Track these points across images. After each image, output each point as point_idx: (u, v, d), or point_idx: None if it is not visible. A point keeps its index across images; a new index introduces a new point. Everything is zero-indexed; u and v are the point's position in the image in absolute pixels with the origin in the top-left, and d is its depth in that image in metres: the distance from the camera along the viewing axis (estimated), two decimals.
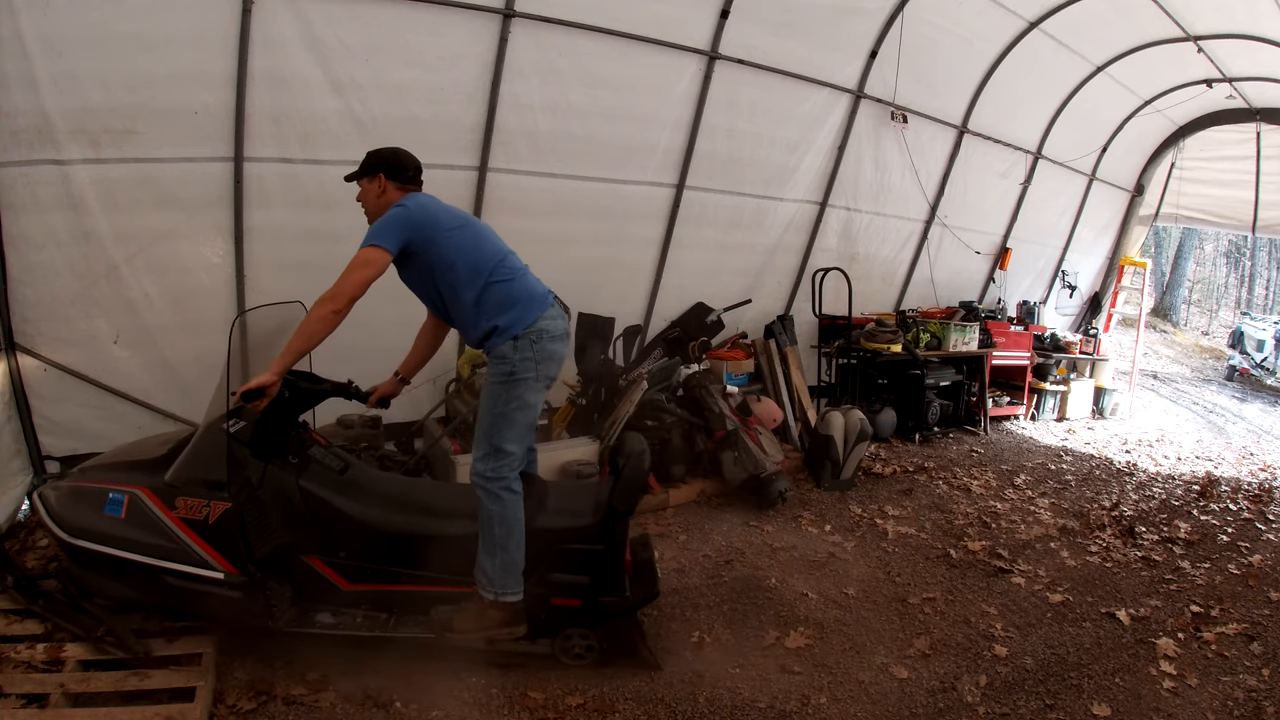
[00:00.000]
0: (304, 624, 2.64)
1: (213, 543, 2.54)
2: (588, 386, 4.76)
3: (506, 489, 2.61)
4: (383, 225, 2.58)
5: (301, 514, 2.67)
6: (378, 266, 2.54)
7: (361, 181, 2.80)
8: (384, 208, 2.70)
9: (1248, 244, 20.34)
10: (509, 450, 2.62)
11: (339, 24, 3.84)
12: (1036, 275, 8.83)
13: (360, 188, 2.81)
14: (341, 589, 2.70)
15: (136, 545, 2.55)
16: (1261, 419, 9.27)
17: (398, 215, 2.61)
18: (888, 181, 6.62)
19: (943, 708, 2.80)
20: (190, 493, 2.56)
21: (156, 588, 2.57)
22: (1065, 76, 7.14)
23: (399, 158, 2.79)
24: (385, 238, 2.55)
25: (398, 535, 2.70)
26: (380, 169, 2.75)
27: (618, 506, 2.71)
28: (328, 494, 2.71)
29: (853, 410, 5.36)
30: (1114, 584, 3.94)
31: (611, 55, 4.69)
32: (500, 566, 2.60)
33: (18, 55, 3.18)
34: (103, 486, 2.64)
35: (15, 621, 2.70)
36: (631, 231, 5.35)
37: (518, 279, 2.73)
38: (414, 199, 2.70)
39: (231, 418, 2.65)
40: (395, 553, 2.70)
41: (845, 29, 5.58)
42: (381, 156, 2.78)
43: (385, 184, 2.75)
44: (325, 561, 2.69)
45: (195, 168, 3.73)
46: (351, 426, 4.10)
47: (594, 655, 2.82)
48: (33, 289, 3.50)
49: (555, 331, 2.72)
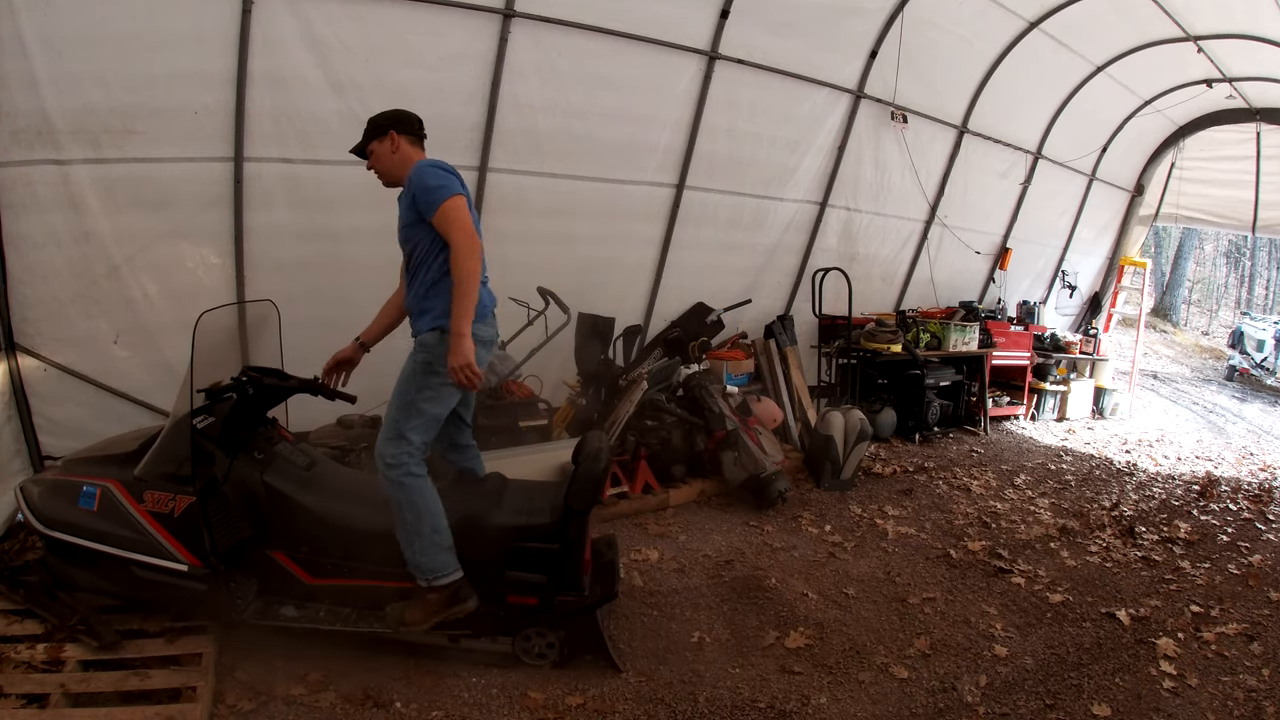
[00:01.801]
0: (267, 617, 2.67)
1: (177, 536, 2.58)
2: (588, 386, 4.77)
3: (408, 474, 2.60)
4: (443, 176, 2.60)
5: (265, 509, 2.70)
6: (466, 209, 2.60)
7: (371, 146, 2.78)
8: (402, 165, 2.72)
9: (1248, 244, 20.35)
10: (411, 440, 2.61)
11: (339, 24, 3.85)
12: (1036, 275, 8.84)
13: (371, 154, 2.79)
14: (305, 583, 2.73)
15: (107, 537, 2.60)
16: (1261, 419, 9.27)
17: (447, 170, 2.63)
18: (888, 181, 6.62)
19: (943, 708, 2.79)
20: (158, 486, 2.61)
21: (127, 579, 2.63)
22: (1065, 76, 7.15)
23: (405, 114, 2.80)
24: (453, 185, 2.59)
25: (359, 531, 2.70)
26: (390, 126, 2.74)
27: (573, 505, 2.70)
28: (291, 489, 2.73)
29: (853, 410, 5.37)
30: (1114, 584, 3.94)
31: (611, 55, 4.70)
32: (420, 550, 2.59)
33: (18, 55, 3.18)
34: (77, 480, 2.70)
35: (15, 621, 2.70)
36: (631, 231, 5.35)
37: None
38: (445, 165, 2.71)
39: (200, 414, 2.69)
40: (357, 548, 2.72)
41: (845, 29, 5.58)
42: (388, 116, 2.78)
43: (398, 140, 2.75)
44: (289, 556, 2.72)
45: (195, 168, 3.72)
46: (351, 426, 4.09)
47: (555, 654, 2.81)
48: (33, 289, 3.50)
49: (483, 337, 2.72)
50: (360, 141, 2.81)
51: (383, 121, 2.77)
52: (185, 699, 2.39)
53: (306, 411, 3.36)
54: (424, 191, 2.59)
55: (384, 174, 2.82)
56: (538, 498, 2.89)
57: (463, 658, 2.79)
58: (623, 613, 3.25)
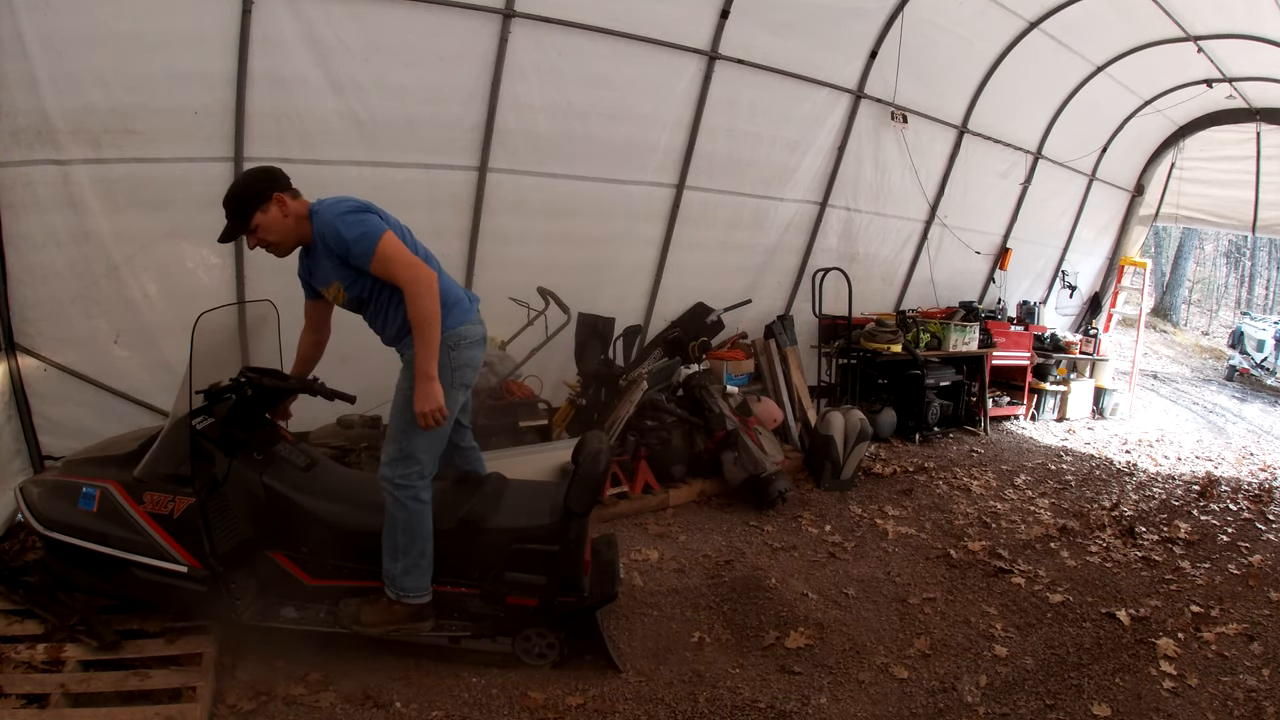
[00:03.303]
0: (268, 618, 2.66)
1: (177, 537, 2.56)
2: (588, 387, 4.77)
3: (414, 498, 2.54)
4: (360, 221, 2.41)
5: (265, 509, 2.69)
6: (398, 241, 2.45)
7: (255, 220, 2.47)
8: (300, 224, 2.50)
9: (1248, 244, 20.35)
10: (419, 458, 2.54)
11: (339, 24, 3.84)
12: (1036, 275, 8.84)
13: (255, 229, 2.48)
14: (305, 584, 2.71)
15: (107, 538, 2.59)
16: (1261, 419, 9.27)
17: (357, 209, 2.45)
18: (888, 181, 6.62)
19: (943, 708, 2.79)
20: (157, 488, 2.59)
21: (126, 580, 2.62)
22: (1065, 76, 7.15)
23: (271, 169, 2.55)
24: (374, 224, 2.43)
25: (358, 532, 2.68)
26: (269, 188, 2.47)
27: (572, 507, 2.66)
28: (290, 490, 2.72)
29: (853, 410, 5.37)
30: (1114, 584, 3.94)
31: (612, 55, 4.70)
32: (402, 570, 2.57)
33: (18, 55, 3.17)
34: (77, 481, 2.69)
35: (15, 621, 2.70)
36: (631, 231, 5.35)
37: (443, 277, 2.63)
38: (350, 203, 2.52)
39: (200, 415, 2.69)
40: (356, 549, 2.70)
41: (845, 29, 5.58)
42: (257, 179, 2.51)
43: (283, 198, 2.48)
44: (289, 557, 2.71)
45: (195, 168, 3.72)
46: (352, 426, 4.09)
47: (555, 654, 2.81)
48: (33, 289, 3.50)
49: (474, 337, 2.66)
50: (229, 226, 2.52)
51: (256, 187, 2.47)
52: (185, 699, 2.39)
53: (306, 411, 3.36)
54: (350, 245, 2.41)
55: (281, 243, 2.54)
56: (537, 499, 2.88)
57: (462, 658, 2.79)
58: (623, 613, 3.25)
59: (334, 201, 2.51)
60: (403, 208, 2.98)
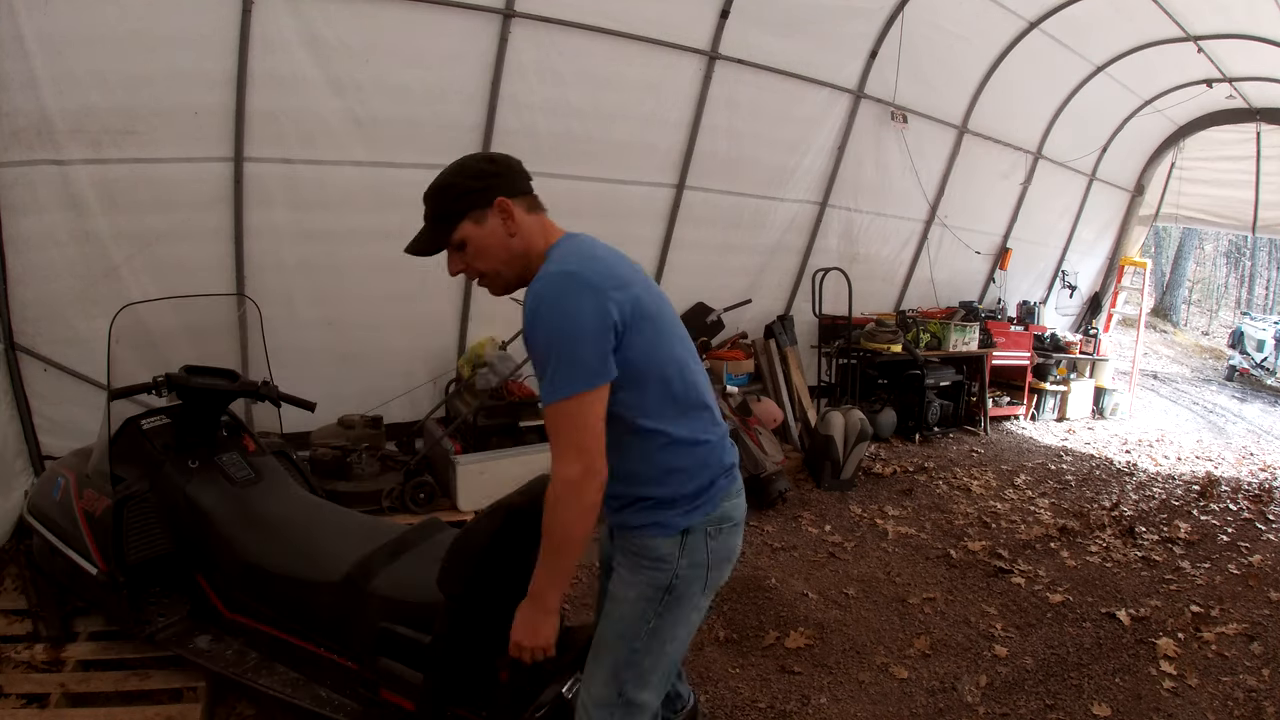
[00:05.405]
0: (180, 644, 2.40)
1: (96, 537, 2.45)
2: None
3: None
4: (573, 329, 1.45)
5: (186, 524, 2.46)
6: (596, 411, 1.46)
7: (463, 231, 1.59)
8: (528, 251, 1.62)
9: (1248, 244, 20.34)
10: (643, 701, 1.63)
11: (339, 24, 3.84)
12: (1037, 275, 8.83)
13: (464, 243, 1.60)
14: (223, 615, 2.43)
15: (56, 528, 2.59)
16: (1261, 419, 9.27)
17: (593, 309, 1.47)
18: (888, 181, 6.61)
19: (943, 708, 2.79)
20: (94, 485, 2.51)
21: (71, 571, 2.58)
22: (1065, 76, 7.14)
23: (499, 161, 1.68)
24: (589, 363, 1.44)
25: (273, 574, 2.27)
26: (491, 187, 1.59)
27: (440, 587, 1.82)
28: (210, 507, 2.45)
29: (853, 410, 5.36)
30: (1114, 584, 3.94)
31: (612, 55, 4.69)
32: None
33: (18, 55, 3.17)
34: (59, 471, 2.70)
35: (15, 621, 2.70)
36: (631, 231, 5.34)
37: (701, 421, 1.65)
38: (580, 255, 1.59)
39: (158, 414, 2.63)
40: (267, 592, 2.29)
41: (845, 29, 5.58)
42: (475, 171, 1.62)
43: (509, 206, 1.59)
44: (208, 582, 2.46)
45: (195, 168, 3.72)
46: (352, 426, 4.09)
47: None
48: (33, 289, 3.50)
49: (737, 517, 1.69)
50: (424, 231, 1.63)
51: (470, 183, 1.59)
52: (185, 699, 2.39)
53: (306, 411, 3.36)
54: (534, 347, 1.51)
55: (497, 276, 1.65)
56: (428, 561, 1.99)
57: None
58: None
59: (570, 250, 1.60)
60: (403, 208, 2.97)
